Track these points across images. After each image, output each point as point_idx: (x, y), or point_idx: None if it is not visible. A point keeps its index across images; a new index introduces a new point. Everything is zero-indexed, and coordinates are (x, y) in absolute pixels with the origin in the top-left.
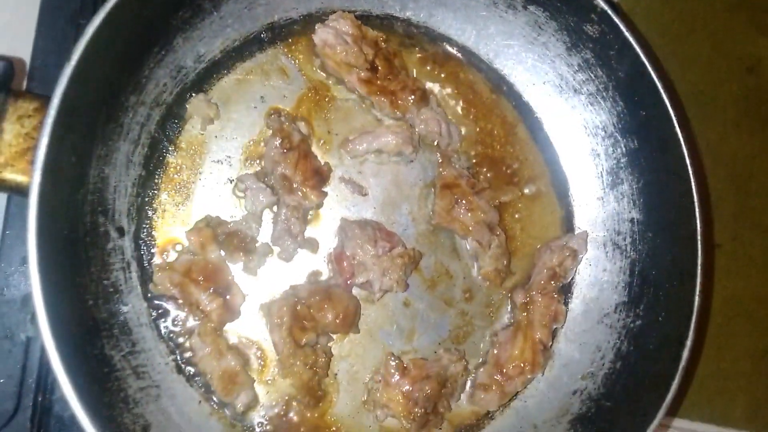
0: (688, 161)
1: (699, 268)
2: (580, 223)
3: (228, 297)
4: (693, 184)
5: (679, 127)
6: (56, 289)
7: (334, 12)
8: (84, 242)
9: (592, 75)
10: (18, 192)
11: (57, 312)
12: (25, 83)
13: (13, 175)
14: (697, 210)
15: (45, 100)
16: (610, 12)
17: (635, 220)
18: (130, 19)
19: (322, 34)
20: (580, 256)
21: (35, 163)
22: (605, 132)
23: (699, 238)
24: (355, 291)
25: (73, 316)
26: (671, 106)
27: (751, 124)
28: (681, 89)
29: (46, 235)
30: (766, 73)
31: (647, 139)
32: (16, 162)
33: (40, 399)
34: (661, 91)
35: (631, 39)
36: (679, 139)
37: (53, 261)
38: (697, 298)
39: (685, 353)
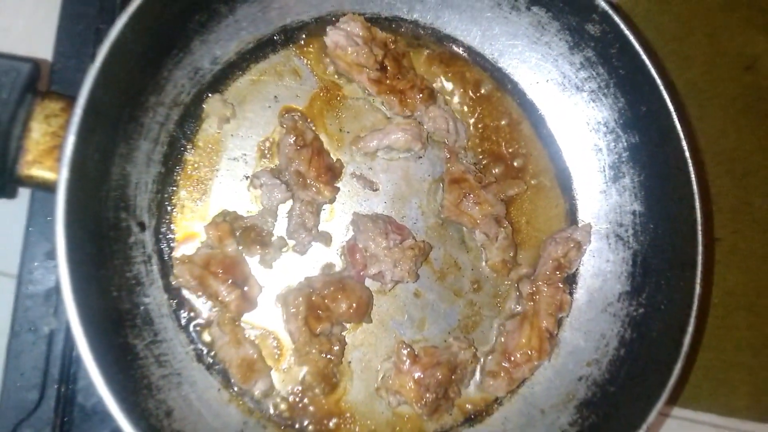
0: (687, 154)
1: (699, 257)
2: (584, 215)
3: (246, 288)
4: (693, 176)
5: (678, 121)
6: (83, 281)
7: (345, 15)
8: (108, 237)
9: (593, 73)
10: (45, 188)
11: (84, 303)
12: (47, 84)
13: (40, 172)
14: (697, 201)
15: (70, 100)
16: (610, 12)
17: (637, 212)
18: (150, 22)
19: (333, 36)
20: (584, 247)
21: (62, 160)
22: (607, 128)
23: (699, 228)
24: (367, 282)
25: (98, 307)
26: (671, 100)
27: (750, 121)
28: (680, 88)
29: (72, 229)
30: (764, 70)
31: (648, 134)
32: (43, 159)
33: (63, 390)
34: (661, 86)
35: (631, 37)
36: (678, 133)
37: (79, 254)
38: (697, 287)
39: (687, 340)
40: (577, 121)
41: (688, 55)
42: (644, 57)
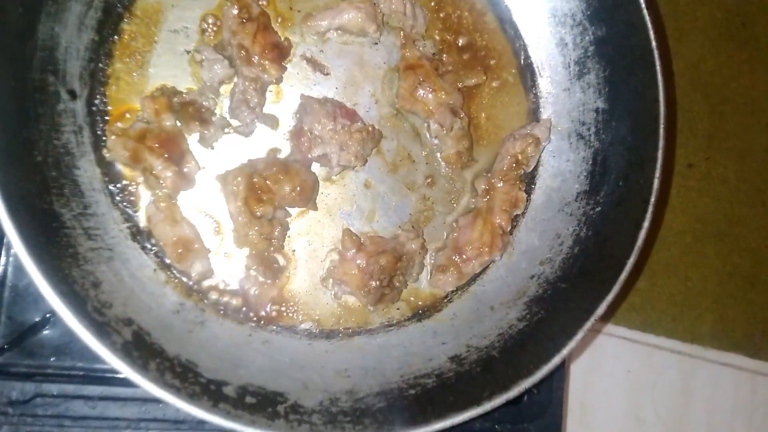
0: (653, 44)
1: (660, 152)
2: (546, 113)
3: (182, 165)
4: (658, 68)
5: (646, 10)
6: (2, 139)
7: None
8: (33, 98)
9: None
10: None
11: (3, 162)
12: None
13: None
14: (661, 94)
15: None
16: None
17: (600, 110)
18: None
19: None
20: (543, 143)
21: None
22: (574, 20)
23: (661, 122)
24: (315, 168)
25: (20, 169)
26: None
27: (729, 47)
28: (661, 7)
29: None
30: None
31: (615, 26)
32: None
33: None
34: None
35: None
36: (646, 23)
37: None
38: (656, 182)
39: (642, 234)
40: (543, 13)
41: None
42: None
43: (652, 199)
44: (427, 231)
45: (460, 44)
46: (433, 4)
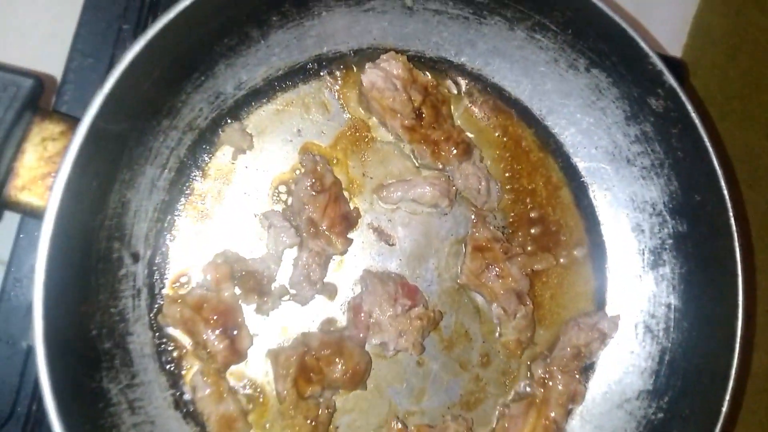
0: (738, 257)
1: (733, 372)
2: (614, 299)
3: (236, 339)
4: (740, 286)
5: (734, 219)
6: (59, 326)
7: (387, 50)
8: (96, 269)
9: (648, 149)
10: (32, 215)
11: (57, 350)
12: (52, 102)
13: (30, 199)
14: (740, 313)
15: (72, 123)
16: (679, 90)
17: (672, 306)
18: (173, 45)
19: (371, 76)
20: (609, 339)
21: (53, 190)
22: (654, 209)
23: (738, 342)
24: (367, 345)
25: (74, 350)
26: (729, 196)
27: None
28: (735, 151)
29: (55, 264)
30: None
31: (698, 225)
32: (34, 186)
33: (34, 408)
34: (721, 179)
35: (697, 121)
36: (732, 233)
37: (60, 292)
38: (726, 404)
39: None
40: (621, 196)
41: (751, 116)
42: (708, 145)
43: (720, 423)
44: (476, 413)
45: (531, 216)
46: (507, 175)
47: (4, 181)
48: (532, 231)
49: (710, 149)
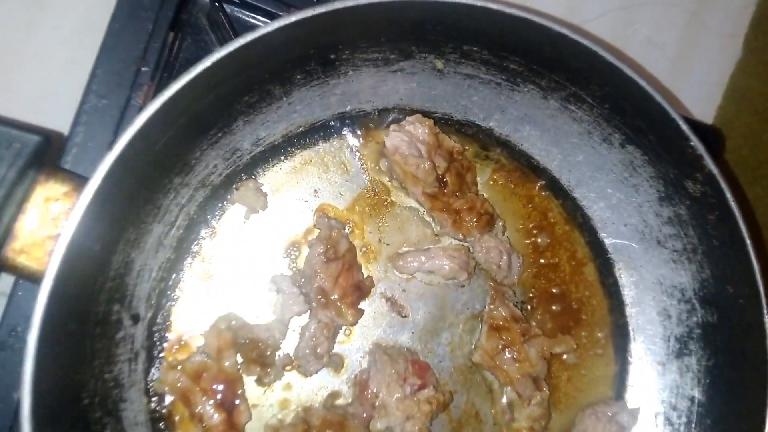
0: None
1: None
2: (635, 385)
3: (234, 412)
4: None
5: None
6: (48, 400)
7: (413, 111)
8: (92, 335)
9: (681, 232)
10: (29, 280)
11: (45, 423)
12: (58, 160)
13: (27, 263)
14: None
15: (78, 182)
16: (719, 177)
17: (696, 400)
18: (190, 104)
19: (395, 139)
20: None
21: (53, 256)
22: (683, 295)
23: None
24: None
25: (63, 422)
26: (765, 293)
27: None
28: (763, 219)
29: (49, 335)
30: None
31: (728, 318)
32: (32, 250)
33: None
34: (757, 275)
35: (736, 211)
36: (765, 332)
37: (52, 363)
38: None
39: None
40: (649, 278)
41: None
42: (746, 235)
43: None
44: None
45: (553, 292)
46: (530, 249)
47: (2, 242)
48: (553, 308)
49: (748, 241)
